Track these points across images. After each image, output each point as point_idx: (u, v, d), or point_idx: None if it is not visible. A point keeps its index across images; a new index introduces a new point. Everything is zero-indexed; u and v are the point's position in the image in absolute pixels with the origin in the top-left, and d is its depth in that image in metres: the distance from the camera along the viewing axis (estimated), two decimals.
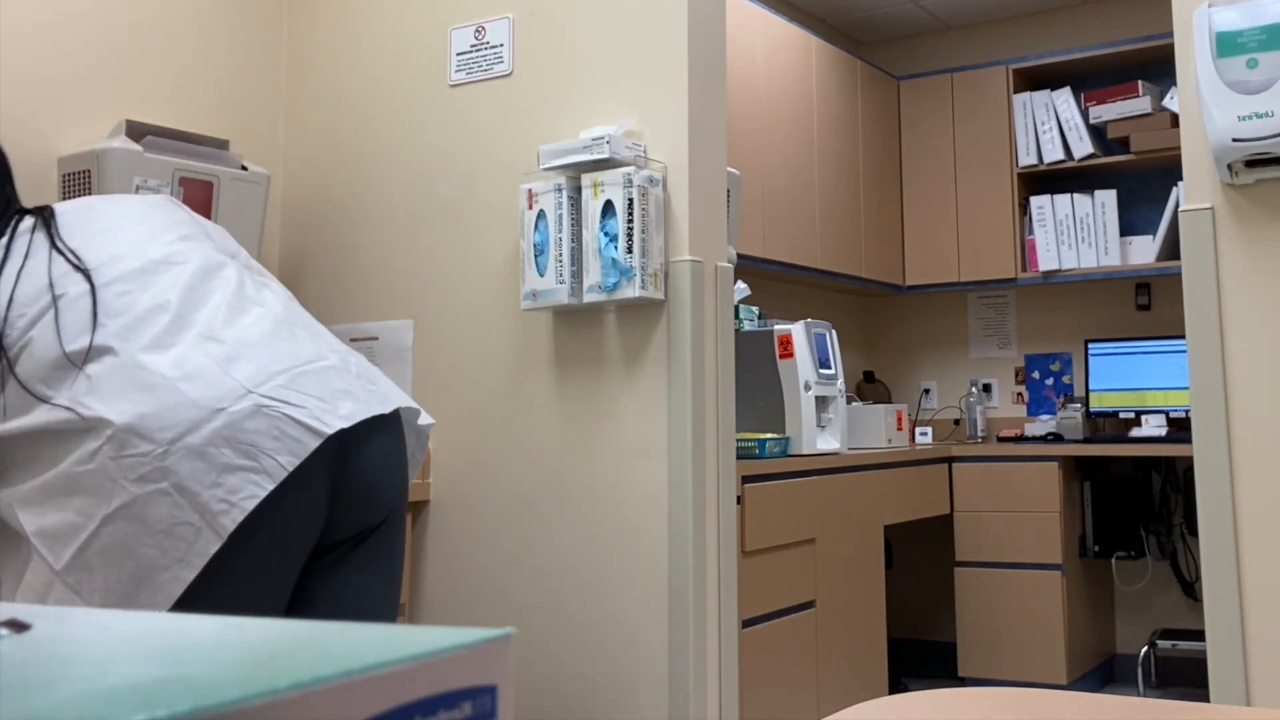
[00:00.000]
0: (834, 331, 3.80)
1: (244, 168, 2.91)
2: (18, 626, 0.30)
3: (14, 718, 0.22)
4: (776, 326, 3.62)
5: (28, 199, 2.06)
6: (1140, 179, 4.82)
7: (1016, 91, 4.88)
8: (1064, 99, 4.77)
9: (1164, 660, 4.48)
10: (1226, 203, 2.26)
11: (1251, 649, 2.17)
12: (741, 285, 3.50)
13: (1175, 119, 4.39)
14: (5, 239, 1.76)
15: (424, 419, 2.01)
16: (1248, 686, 2.17)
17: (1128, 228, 4.73)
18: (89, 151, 2.61)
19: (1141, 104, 4.56)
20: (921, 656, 4.82)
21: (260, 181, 2.93)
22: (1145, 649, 4.45)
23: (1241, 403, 2.22)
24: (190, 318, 1.71)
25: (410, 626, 0.29)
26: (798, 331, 3.59)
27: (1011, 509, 4.31)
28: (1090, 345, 4.77)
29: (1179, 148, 2.37)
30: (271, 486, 1.61)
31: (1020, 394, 5.12)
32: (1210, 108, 2.20)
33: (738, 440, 2.89)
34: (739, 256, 3.42)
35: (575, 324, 2.81)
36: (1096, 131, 4.75)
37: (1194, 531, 4.47)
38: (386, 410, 1.82)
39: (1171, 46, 2.37)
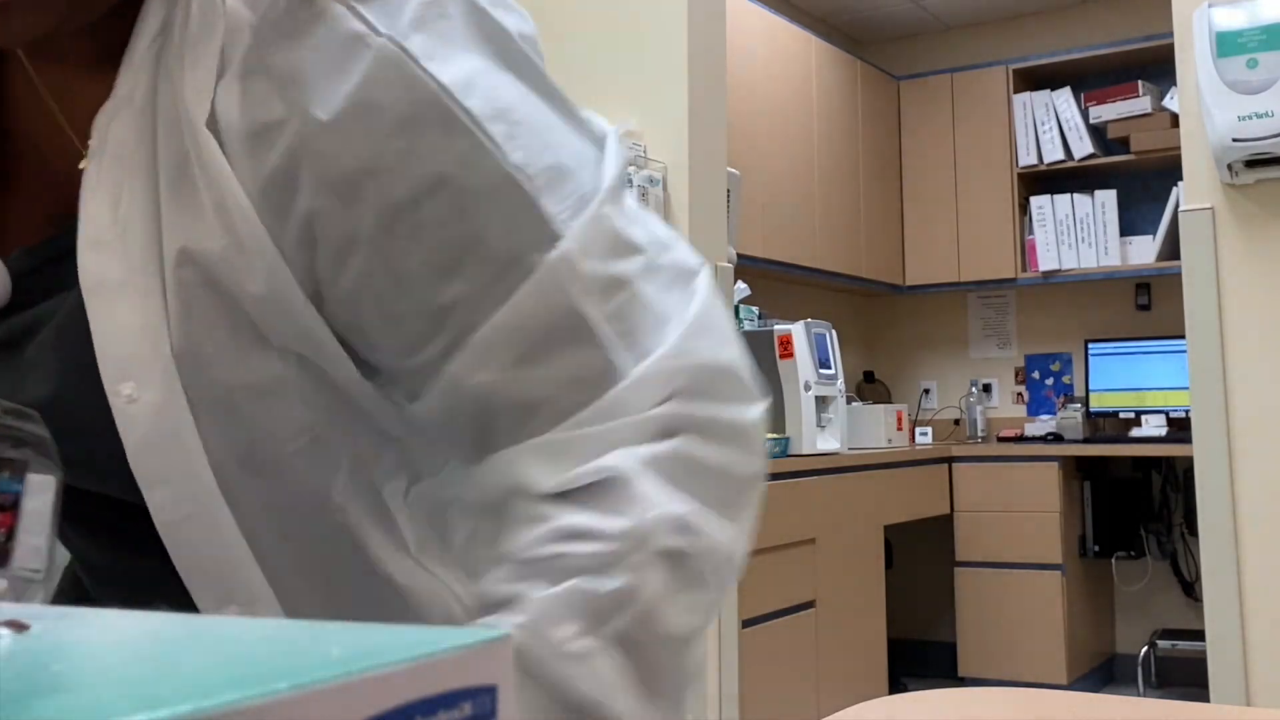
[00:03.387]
0: (834, 331, 3.80)
1: None
2: (18, 626, 0.30)
3: (14, 718, 0.22)
4: (776, 326, 3.62)
5: None
6: (1140, 179, 4.81)
7: (1016, 91, 4.87)
8: (1064, 99, 4.77)
9: (1164, 660, 4.47)
10: (1226, 203, 2.26)
11: (1251, 649, 2.18)
12: (741, 285, 3.50)
13: (1175, 119, 4.39)
14: None
15: None
16: (1248, 686, 2.17)
17: (1128, 228, 4.73)
18: None
19: (1141, 104, 4.56)
20: (921, 656, 4.81)
21: None
22: (1145, 649, 4.45)
23: (1241, 403, 2.22)
24: None
25: (410, 626, 0.29)
26: (798, 331, 3.59)
27: (1011, 509, 4.31)
28: (1090, 345, 4.77)
29: (1179, 148, 2.37)
30: None
31: (1020, 394, 5.12)
32: (1210, 108, 2.20)
33: None
34: (739, 256, 3.42)
35: None
36: (1096, 131, 4.74)
37: (1194, 531, 4.47)
38: None
39: (1171, 46, 2.37)
